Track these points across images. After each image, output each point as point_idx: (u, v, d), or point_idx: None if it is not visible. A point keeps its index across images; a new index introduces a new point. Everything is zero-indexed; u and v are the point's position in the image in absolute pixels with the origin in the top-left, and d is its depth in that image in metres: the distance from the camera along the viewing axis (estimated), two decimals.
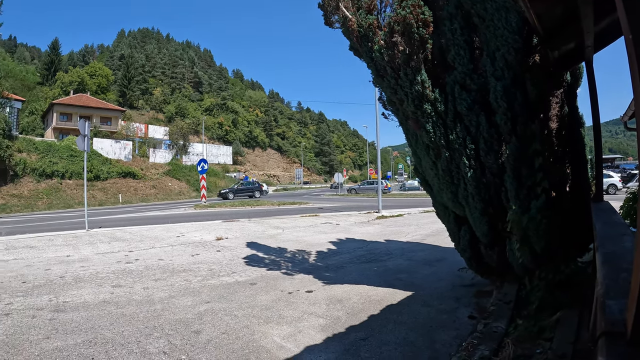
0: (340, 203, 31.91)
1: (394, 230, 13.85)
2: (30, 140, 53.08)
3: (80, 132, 16.87)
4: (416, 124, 5.59)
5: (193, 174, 64.00)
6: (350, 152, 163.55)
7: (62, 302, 6.73)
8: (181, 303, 6.50)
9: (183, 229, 16.18)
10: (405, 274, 7.85)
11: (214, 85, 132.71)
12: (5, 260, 10.49)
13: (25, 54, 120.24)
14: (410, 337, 4.77)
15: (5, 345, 4.92)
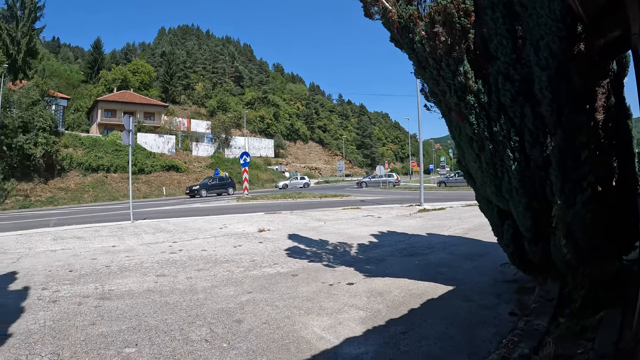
0: (382, 196, 31.75)
1: (436, 224, 13.67)
2: (76, 136, 54.80)
3: (124, 127, 17.25)
4: (459, 116, 5.49)
5: (235, 166, 64.77)
6: (391, 145, 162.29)
7: (108, 290, 6.92)
8: (223, 293, 6.59)
9: (226, 220, 16.36)
10: (446, 268, 7.74)
11: (254, 79, 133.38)
12: (53, 250, 10.82)
13: (69, 54, 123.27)
14: (450, 332, 4.70)
15: (52, 330, 5.08)
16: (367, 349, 4.32)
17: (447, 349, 4.27)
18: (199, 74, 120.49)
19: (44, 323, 5.34)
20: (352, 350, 4.32)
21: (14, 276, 8.02)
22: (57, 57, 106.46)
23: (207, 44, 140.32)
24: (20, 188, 41.40)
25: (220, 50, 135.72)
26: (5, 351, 4.52)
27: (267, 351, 4.37)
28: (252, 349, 4.43)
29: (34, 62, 54.19)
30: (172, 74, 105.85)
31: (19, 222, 20.87)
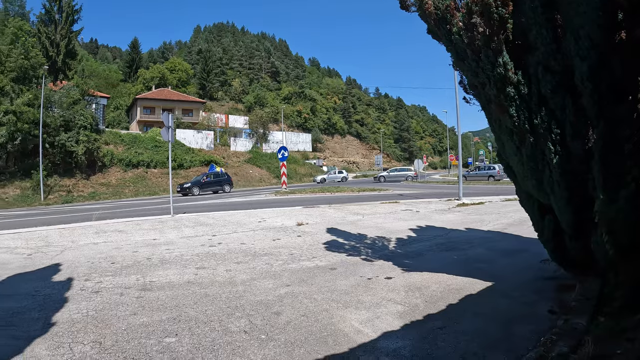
0: (420, 190, 31.47)
1: (475, 219, 13.48)
2: (116, 133, 56.57)
3: (164, 124, 17.53)
4: (499, 108, 5.38)
5: (273, 161, 65.18)
6: (429, 138, 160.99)
7: (149, 281, 7.09)
8: (262, 285, 6.66)
9: (264, 214, 16.45)
10: (485, 264, 7.62)
11: (291, 74, 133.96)
12: (96, 243, 11.11)
13: (107, 54, 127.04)
14: (488, 328, 4.64)
15: (95, 319, 5.24)
16: (404, 344, 4.31)
17: (484, 345, 4.21)
18: (236, 70, 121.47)
19: (87, 313, 5.50)
20: (390, 344, 4.32)
21: (58, 268, 8.27)
22: (95, 57, 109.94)
23: (242, 40, 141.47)
24: (63, 184, 43.01)
25: (256, 46, 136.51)
26: (49, 339, 4.67)
27: (305, 343, 4.40)
28: (290, 340, 4.48)
29: (74, 63, 56.16)
30: (209, 70, 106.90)
31: (62, 217, 21.44)
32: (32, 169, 40.87)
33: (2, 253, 10.09)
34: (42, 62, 44.89)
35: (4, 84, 39.89)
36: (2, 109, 38.83)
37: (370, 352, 4.15)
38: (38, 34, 52.41)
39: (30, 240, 11.67)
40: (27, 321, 5.27)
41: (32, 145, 41.12)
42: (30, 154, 41.99)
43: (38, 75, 43.37)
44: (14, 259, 9.38)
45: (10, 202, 38.01)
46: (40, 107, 40.11)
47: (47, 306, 5.85)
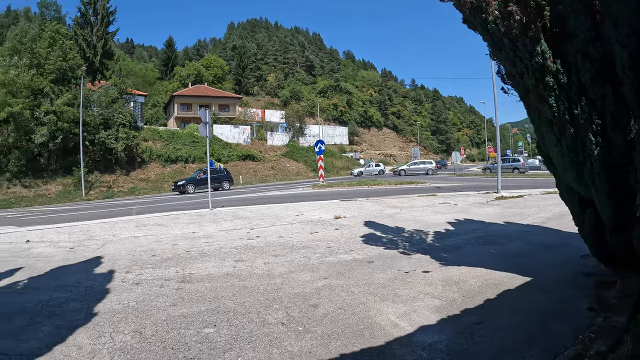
0: (458, 183, 31.12)
1: (514, 212, 13.21)
2: (154, 129, 57.99)
3: (201, 120, 17.80)
4: (538, 98, 5.25)
5: (310, 154, 65.48)
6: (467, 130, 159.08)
7: (188, 273, 7.23)
8: (300, 278, 6.71)
9: (302, 207, 16.55)
10: (524, 259, 7.46)
11: (325, 68, 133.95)
12: (136, 237, 11.37)
13: (143, 54, 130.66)
14: (526, 324, 4.56)
15: (136, 310, 5.38)
16: (440, 338, 4.29)
17: (521, 341, 4.14)
18: (271, 65, 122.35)
19: (128, 303, 5.65)
20: (426, 338, 4.30)
21: (100, 261, 8.48)
22: (132, 57, 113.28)
23: (276, 35, 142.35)
24: (103, 180, 44.28)
25: (290, 40, 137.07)
26: (91, 328, 4.82)
27: (341, 336, 4.42)
28: (327, 333, 4.51)
29: (111, 63, 57.71)
30: (244, 66, 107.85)
31: (103, 211, 22.00)
32: (73, 166, 42.18)
33: (46, 247, 10.40)
34: (80, 64, 46.19)
35: (43, 85, 41.15)
36: (43, 109, 40.06)
37: (407, 346, 4.15)
38: (75, 36, 53.88)
39: (73, 234, 12.00)
40: (70, 311, 5.44)
41: (72, 143, 42.45)
42: (71, 151, 43.32)
43: (77, 76, 44.67)
44: (58, 252, 9.66)
45: (53, 198, 39.28)
46: (79, 106, 41.30)
47: (89, 297, 6.02)
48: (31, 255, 9.45)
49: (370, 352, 4.07)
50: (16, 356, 4.20)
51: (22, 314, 5.42)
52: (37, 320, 5.15)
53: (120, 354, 4.16)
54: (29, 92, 39.87)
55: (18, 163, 39.94)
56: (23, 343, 4.50)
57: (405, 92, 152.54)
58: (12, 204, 36.50)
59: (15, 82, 38.64)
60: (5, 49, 43.06)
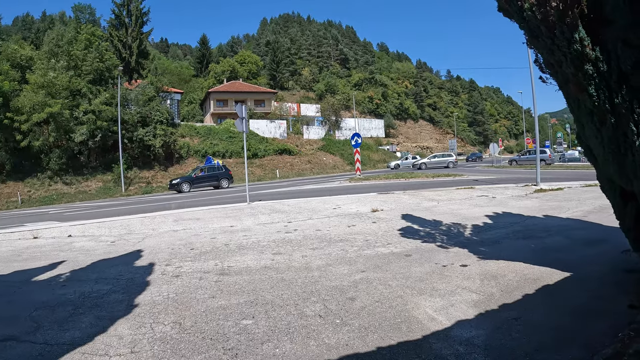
0: (496, 175, 30.66)
1: (553, 205, 12.92)
2: (191, 126, 59.12)
3: (238, 115, 17.96)
4: (577, 87, 5.11)
5: (346, 148, 65.31)
6: (504, 121, 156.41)
7: (227, 266, 7.37)
8: (337, 271, 6.77)
9: (339, 201, 16.56)
10: (563, 254, 7.30)
11: (360, 61, 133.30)
12: (175, 230, 11.59)
13: (178, 52, 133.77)
14: (564, 321, 4.48)
15: (175, 302, 5.52)
16: (478, 333, 4.28)
17: (559, 338, 4.09)
18: (305, 60, 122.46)
19: (168, 295, 5.80)
20: (463, 333, 4.31)
21: (140, 254, 8.69)
22: (166, 56, 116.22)
23: (309, 29, 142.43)
24: (142, 176, 45.63)
25: (323, 34, 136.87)
26: (132, 319, 4.96)
27: (378, 329, 4.46)
28: (364, 326, 4.55)
29: (146, 63, 59.08)
30: (278, 61, 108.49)
31: (142, 206, 22.52)
32: (113, 163, 43.71)
33: (88, 241, 10.69)
34: (117, 64, 47.52)
35: (81, 86, 42.50)
36: (82, 109, 41.48)
37: (444, 340, 4.16)
38: (110, 37, 55.33)
39: (114, 229, 12.30)
40: (111, 303, 5.60)
41: (111, 141, 43.80)
42: (110, 149, 44.74)
43: (113, 76, 46.01)
44: (99, 246, 9.93)
45: (94, 194, 40.65)
46: (117, 105, 42.49)
47: (129, 289, 6.19)
48: (73, 249, 9.75)
49: (407, 345, 4.09)
50: (59, 345, 4.36)
51: (65, 305, 5.63)
52: (80, 312, 5.34)
53: (160, 344, 4.27)
54: (68, 93, 41.19)
55: (59, 161, 41.48)
56: (66, 332, 4.68)
57: (440, 83, 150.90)
58: (54, 201, 37.92)
59: (54, 84, 39.99)
60: (43, 53, 44.67)
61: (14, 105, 39.20)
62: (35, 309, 5.51)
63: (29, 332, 4.73)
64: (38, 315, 5.28)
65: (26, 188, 40.05)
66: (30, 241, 11.20)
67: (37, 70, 41.07)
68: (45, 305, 5.65)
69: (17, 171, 40.83)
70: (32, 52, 45.47)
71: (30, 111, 38.70)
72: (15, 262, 8.66)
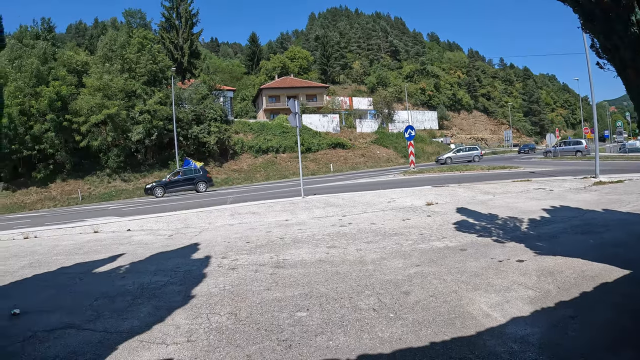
0: (552, 167, 29.76)
1: (613, 199, 12.42)
2: (244, 122, 60.37)
3: (291, 110, 18.10)
4: (636, 73, 4.90)
5: (400, 140, 64.95)
6: (561, 110, 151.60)
7: (282, 259, 7.50)
8: (392, 265, 6.78)
9: (393, 194, 16.46)
10: (623, 249, 7.05)
11: (410, 52, 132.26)
12: (231, 224, 11.86)
13: (228, 51, 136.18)
14: (623, 321, 4.36)
15: (231, 293, 5.69)
16: (533, 331, 4.21)
17: (616, 339, 3.99)
18: (355, 53, 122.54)
19: (224, 287, 5.97)
20: (518, 330, 4.25)
21: (197, 247, 8.92)
22: (217, 55, 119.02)
23: (357, 22, 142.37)
24: None
25: (372, 27, 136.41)
26: (189, 309, 5.15)
27: (432, 324, 4.47)
28: (417, 320, 4.57)
29: (198, 62, 60.49)
30: (328, 55, 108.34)
31: (199, 201, 23.00)
32: (169, 160, 45.25)
33: (146, 235, 11.04)
34: (169, 65, 48.95)
35: (136, 87, 44.25)
36: (137, 109, 43.22)
37: (498, 337, 4.12)
38: (162, 40, 56.92)
39: (171, 223, 12.67)
40: (169, 294, 5.80)
41: (167, 139, 45.39)
42: (166, 146, 46.43)
43: (167, 76, 47.54)
44: (157, 239, 10.25)
45: None
46: (172, 104, 43.77)
47: (186, 281, 6.38)
48: (132, 242, 10.11)
49: (461, 341, 4.08)
50: (118, 333, 4.57)
51: (124, 295, 5.88)
52: (138, 302, 5.56)
53: (216, 334, 4.39)
54: (124, 94, 43.01)
55: (117, 159, 43.54)
56: (125, 321, 4.90)
57: (494, 72, 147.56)
58: (112, 197, 39.54)
59: (109, 87, 41.92)
60: (97, 58, 47.01)
61: (72, 108, 41.43)
62: (96, 299, 5.78)
63: (89, 321, 4.98)
64: (98, 304, 5.54)
65: (86, 185, 42.01)
66: (91, 235, 11.67)
67: (93, 74, 43.29)
68: (105, 295, 5.92)
69: (77, 170, 43.10)
70: (86, 57, 47.95)
71: (88, 113, 40.76)
72: (76, 255, 9.08)
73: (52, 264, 8.28)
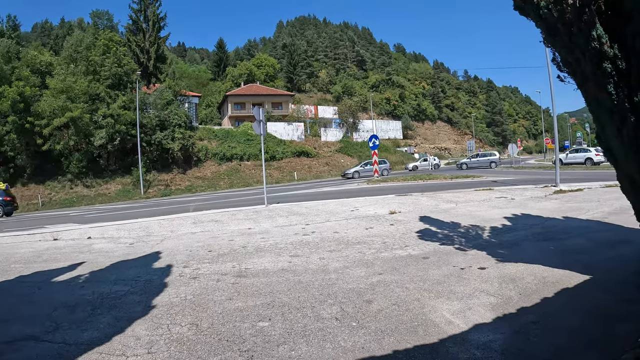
0: (515, 176, 30.36)
1: (573, 207, 12.75)
2: (209, 129, 59.87)
3: (255, 118, 18.12)
4: (596, 86, 5.02)
5: (364, 150, 65.24)
6: (523, 121, 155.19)
7: (244, 268, 7.42)
8: (354, 273, 6.76)
9: (357, 203, 16.47)
10: (583, 256, 7.19)
11: (376, 62, 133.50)
12: (193, 233, 11.69)
13: (195, 56, 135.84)
14: (584, 325, 4.43)
15: (192, 303, 5.57)
16: (495, 337, 4.26)
17: (579, 342, 4.05)
18: (321, 62, 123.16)
19: (185, 297, 5.87)
20: (481, 337, 4.28)
21: (158, 256, 8.78)
22: (184, 60, 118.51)
23: (325, 31, 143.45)
24: (161, 178, 46.38)
25: (340, 36, 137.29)
26: (149, 320, 5.03)
27: (395, 332, 4.46)
28: (380, 329, 4.56)
29: (164, 67, 60.17)
30: (295, 64, 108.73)
31: (161, 209, 22.77)
32: (132, 166, 44.55)
33: (107, 243, 10.82)
34: (135, 68, 48.65)
35: (100, 90, 43.48)
36: (100, 113, 42.40)
37: (461, 344, 4.15)
38: (128, 43, 56.13)
39: (132, 231, 12.44)
40: (129, 304, 5.68)
41: (130, 144, 44.71)
42: (129, 152, 45.57)
43: (132, 80, 47.04)
44: (118, 248, 10.05)
45: (113, 197, 41.46)
46: (136, 109, 43.39)
47: (147, 290, 6.26)
48: (93, 250, 9.89)
49: (424, 349, 4.09)
50: (77, 345, 4.44)
51: (83, 305, 5.73)
52: (98, 312, 5.42)
53: (177, 345, 4.31)
54: (87, 97, 42.24)
55: (79, 164, 42.63)
56: (84, 332, 4.76)
57: (458, 83, 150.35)
58: (74, 203, 38.69)
59: (73, 89, 41.10)
60: (62, 58, 46.26)
61: (35, 110, 40.20)
62: (55, 309, 5.61)
63: (48, 332, 4.82)
64: (57, 315, 5.38)
65: (47, 191, 40.99)
66: (51, 242, 11.37)
67: (57, 75, 42.24)
68: (64, 305, 5.75)
69: (38, 174, 41.97)
70: (51, 58, 46.91)
71: (51, 116, 39.77)
72: (35, 263, 8.81)
73: (11, 272, 8.02)
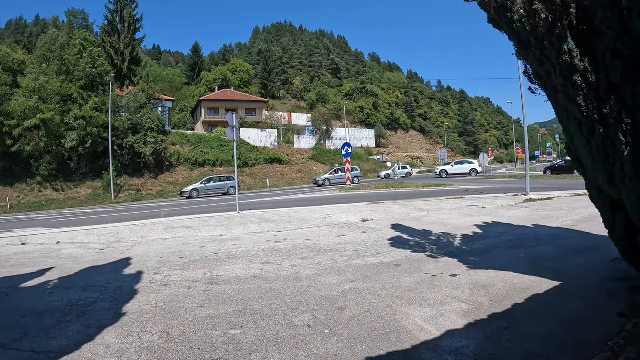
0: (486, 185, 30.76)
1: (543, 215, 13.01)
2: (182, 134, 59.21)
3: (229, 124, 18.02)
4: (566, 98, 5.13)
5: (337, 157, 65.47)
6: (495, 131, 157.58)
7: (216, 275, 7.34)
8: (327, 281, 6.74)
9: (329, 210, 16.58)
10: (553, 262, 7.34)
11: (351, 71, 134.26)
12: (165, 239, 11.58)
13: (170, 59, 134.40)
14: (555, 330, 4.49)
15: (163, 311, 5.49)
16: (467, 343, 4.28)
17: (550, 347, 4.10)
18: (296, 69, 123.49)
19: (156, 304, 5.77)
20: (453, 343, 4.30)
21: (129, 262, 8.65)
22: (159, 63, 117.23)
23: (301, 39, 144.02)
24: (132, 183, 45.59)
25: (315, 44, 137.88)
26: (119, 328, 4.94)
27: (367, 339, 4.45)
28: (353, 336, 4.54)
29: (138, 70, 59.16)
30: (270, 70, 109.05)
31: (132, 214, 22.43)
32: (103, 170, 43.57)
33: (76, 248, 10.64)
34: (109, 70, 47.71)
35: (73, 91, 42.63)
36: (72, 114, 41.55)
37: (433, 350, 4.16)
38: (103, 43, 55.16)
39: (102, 236, 12.27)
40: (99, 311, 5.57)
41: (102, 147, 43.72)
42: (101, 155, 44.61)
43: (105, 82, 46.11)
44: (87, 253, 9.89)
45: (83, 201, 40.60)
46: (108, 111, 42.54)
47: (118, 297, 6.15)
48: (62, 256, 9.70)
49: (397, 355, 4.09)
50: (46, 353, 4.33)
51: (52, 312, 5.60)
52: (67, 319, 5.31)
53: (148, 354, 4.24)
54: (59, 98, 41.28)
55: (49, 167, 41.47)
56: (53, 340, 4.65)
57: (431, 93, 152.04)
58: (43, 207, 37.82)
59: (45, 89, 40.05)
60: (35, 57, 44.81)
61: (5, 110, 39.11)
62: (23, 316, 5.47)
63: (16, 340, 4.69)
64: (25, 322, 5.25)
65: (15, 193, 39.95)
66: (19, 247, 11.15)
67: (29, 74, 41.11)
68: (32, 312, 5.62)
69: (6, 176, 40.77)
70: (24, 56, 45.57)
71: (22, 116, 38.61)
72: (2, 268, 8.61)
73: None
